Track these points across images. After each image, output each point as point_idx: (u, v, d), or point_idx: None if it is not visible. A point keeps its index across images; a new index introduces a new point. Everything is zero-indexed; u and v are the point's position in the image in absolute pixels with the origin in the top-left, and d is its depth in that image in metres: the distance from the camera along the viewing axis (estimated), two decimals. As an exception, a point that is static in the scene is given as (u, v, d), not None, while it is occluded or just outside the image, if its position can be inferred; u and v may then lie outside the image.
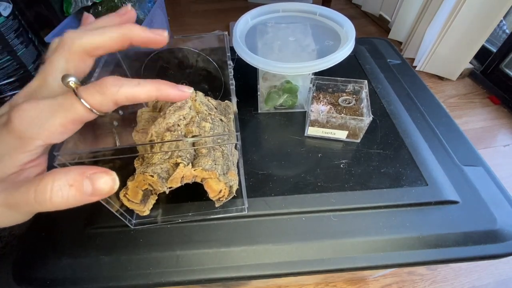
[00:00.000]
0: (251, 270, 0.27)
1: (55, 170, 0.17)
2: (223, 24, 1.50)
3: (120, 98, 0.18)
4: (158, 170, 0.25)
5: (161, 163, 0.25)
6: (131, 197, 0.26)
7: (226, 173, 0.27)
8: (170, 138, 0.26)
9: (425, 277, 0.63)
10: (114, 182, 0.17)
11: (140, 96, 0.18)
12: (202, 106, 0.29)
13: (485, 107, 1.03)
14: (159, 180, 0.24)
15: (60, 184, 0.16)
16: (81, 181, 0.16)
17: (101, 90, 0.17)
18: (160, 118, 0.27)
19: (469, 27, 0.99)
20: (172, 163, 0.25)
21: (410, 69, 0.49)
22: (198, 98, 0.30)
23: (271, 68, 0.33)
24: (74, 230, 0.29)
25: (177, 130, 0.26)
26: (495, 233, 0.28)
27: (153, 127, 0.26)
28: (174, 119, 0.26)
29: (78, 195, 0.16)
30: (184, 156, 0.25)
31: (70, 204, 0.17)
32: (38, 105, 0.17)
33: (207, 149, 0.27)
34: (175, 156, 0.25)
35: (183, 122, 0.27)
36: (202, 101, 0.30)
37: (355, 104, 0.37)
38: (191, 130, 0.27)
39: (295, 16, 0.42)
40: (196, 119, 0.28)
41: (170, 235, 0.29)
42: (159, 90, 0.19)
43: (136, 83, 0.18)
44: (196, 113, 0.28)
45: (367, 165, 0.34)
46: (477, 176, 0.33)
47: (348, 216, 0.30)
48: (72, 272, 0.27)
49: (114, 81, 0.18)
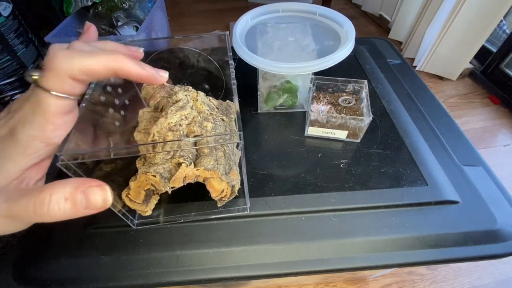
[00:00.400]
0: (251, 270, 0.27)
1: (54, 183, 0.17)
2: (223, 24, 1.50)
3: (75, 72, 0.17)
4: (160, 170, 0.25)
5: (163, 163, 0.25)
6: (133, 197, 0.26)
7: (228, 172, 0.27)
8: (172, 138, 0.26)
9: (425, 277, 0.63)
10: (107, 196, 0.18)
11: (96, 68, 0.18)
12: (204, 106, 0.29)
13: (485, 107, 1.03)
14: (161, 180, 0.24)
15: (57, 197, 0.16)
16: (76, 194, 0.17)
17: (53, 71, 0.17)
18: (162, 118, 0.27)
19: (469, 27, 0.99)
20: (174, 163, 0.25)
21: (410, 69, 0.49)
22: (199, 98, 0.30)
23: (271, 68, 0.32)
24: (74, 230, 0.29)
25: (179, 130, 0.26)
26: (495, 233, 0.28)
27: (155, 127, 0.26)
28: (176, 118, 0.26)
29: (74, 208, 0.17)
30: (186, 156, 0.25)
31: (67, 217, 0.17)
32: (24, 109, 0.18)
33: (209, 149, 0.27)
34: (177, 156, 0.25)
35: (185, 122, 0.27)
36: (204, 101, 0.30)
37: (355, 104, 0.37)
38: (193, 130, 0.27)
39: (295, 16, 0.42)
40: (198, 119, 0.28)
41: (170, 235, 0.29)
42: (115, 61, 0.18)
43: (89, 54, 0.18)
44: (198, 113, 0.28)
45: (367, 165, 0.34)
46: (477, 176, 0.33)
47: (348, 216, 0.30)
48: (72, 272, 0.27)
49: (63, 57, 0.17)
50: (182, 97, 0.28)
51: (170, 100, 0.29)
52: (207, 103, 0.31)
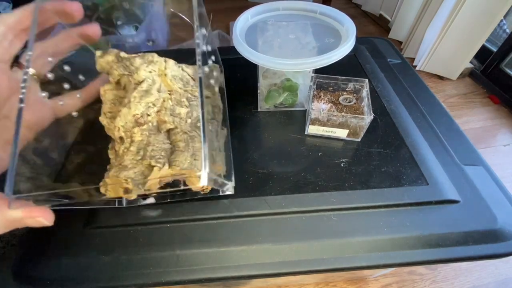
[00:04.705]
0: (251, 270, 0.27)
1: None
2: (223, 24, 1.49)
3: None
4: (131, 175, 0.22)
5: (133, 167, 0.22)
6: (112, 194, 0.23)
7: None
8: (139, 135, 0.22)
9: (425, 277, 0.63)
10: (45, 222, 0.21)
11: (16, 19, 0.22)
12: (175, 84, 0.25)
13: (485, 107, 1.03)
14: (134, 186, 0.22)
15: None
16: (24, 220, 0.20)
17: None
18: (125, 108, 0.23)
19: (469, 26, 0.98)
20: (145, 164, 0.22)
21: (410, 69, 0.49)
22: (168, 71, 0.25)
23: (271, 64, 0.32)
24: (74, 230, 0.29)
25: (147, 122, 0.23)
26: (495, 233, 0.28)
27: (118, 120, 0.22)
28: (141, 108, 0.22)
29: None
30: (158, 156, 0.22)
31: None
32: None
33: (184, 141, 0.23)
34: (148, 157, 0.22)
35: (153, 110, 0.23)
36: (175, 74, 0.25)
37: (356, 103, 0.37)
38: (163, 120, 0.23)
39: (296, 15, 0.42)
40: (168, 104, 0.24)
41: (170, 235, 0.28)
42: None
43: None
44: (169, 94, 0.24)
45: (368, 164, 0.34)
46: (478, 176, 0.33)
47: (349, 216, 0.30)
48: (72, 272, 0.27)
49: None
50: (146, 76, 0.24)
51: (132, 80, 0.24)
52: (180, 76, 0.25)
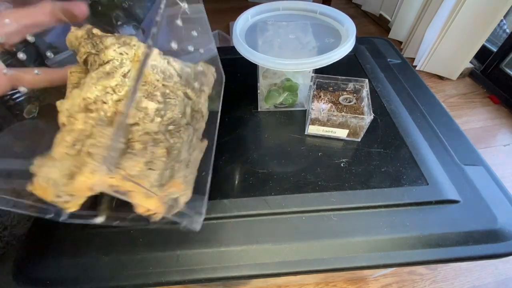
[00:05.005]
0: (251, 270, 0.27)
1: None
2: (223, 24, 1.49)
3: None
4: (53, 174, 0.16)
5: (62, 159, 0.17)
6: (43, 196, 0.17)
7: (164, 184, 0.19)
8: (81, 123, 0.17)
9: (425, 277, 0.63)
10: None
11: None
12: (154, 74, 0.21)
13: (485, 107, 1.03)
14: (52, 190, 0.16)
15: None
16: None
17: None
18: (77, 89, 0.18)
19: (469, 26, 0.98)
20: (78, 162, 0.17)
21: (410, 69, 0.49)
22: (151, 59, 0.21)
23: (271, 64, 0.32)
24: (74, 230, 0.29)
25: (99, 110, 0.18)
26: (495, 233, 0.28)
27: (65, 102, 0.18)
28: (95, 92, 0.18)
29: None
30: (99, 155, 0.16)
31: None
32: None
33: (142, 144, 0.18)
34: (84, 153, 0.17)
35: (112, 98, 0.18)
36: (156, 64, 0.21)
37: (356, 103, 0.37)
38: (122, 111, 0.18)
39: (296, 15, 0.42)
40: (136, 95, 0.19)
41: (170, 235, 0.28)
42: None
43: None
44: (145, 84, 0.20)
45: (368, 164, 0.34)
46: (478, 176, 0.33)
47: (349, 216, 0.30)
48: (72, 272, 0.27)
49: None
50: (113, 56, 0.20)
51: (97, 60, 0.20)
52: (162, 69, 0.21)
